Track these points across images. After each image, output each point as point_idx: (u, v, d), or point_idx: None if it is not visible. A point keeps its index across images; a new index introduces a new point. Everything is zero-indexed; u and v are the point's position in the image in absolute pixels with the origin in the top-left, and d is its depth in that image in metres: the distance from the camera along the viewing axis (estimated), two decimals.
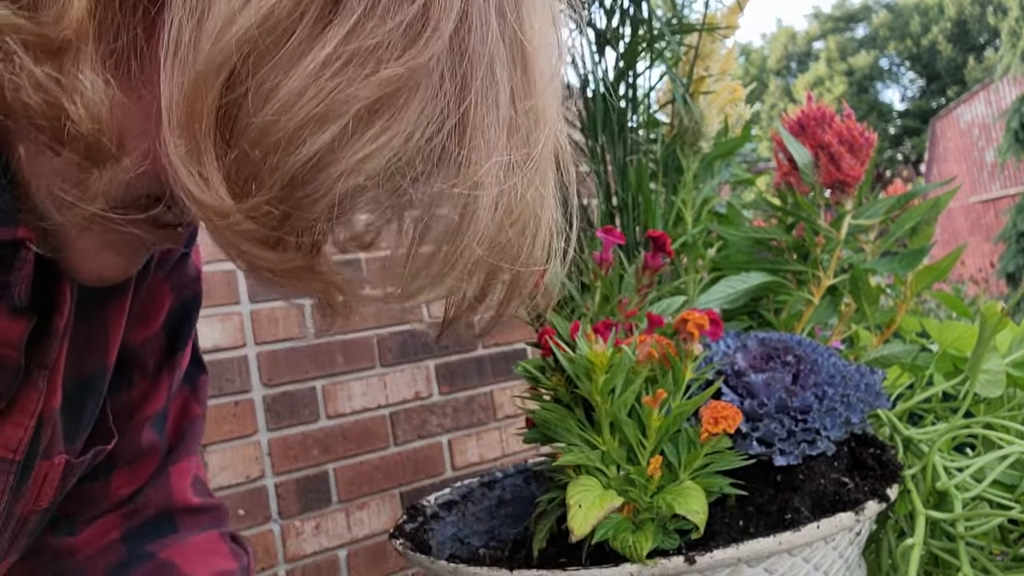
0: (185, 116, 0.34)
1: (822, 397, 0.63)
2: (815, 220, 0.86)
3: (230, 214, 0.35)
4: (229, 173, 0.35)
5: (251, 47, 0.33)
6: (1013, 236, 11.48)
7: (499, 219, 0.38)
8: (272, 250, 0.37)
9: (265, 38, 0.33)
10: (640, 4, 0.98)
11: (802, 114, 0.88)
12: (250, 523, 1.89)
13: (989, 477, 0.66)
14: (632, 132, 1.03)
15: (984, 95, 15.53)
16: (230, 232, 0.36)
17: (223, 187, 0.35)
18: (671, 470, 0.59)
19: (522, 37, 0.38)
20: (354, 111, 0.34)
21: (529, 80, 0.39)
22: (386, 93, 0.34)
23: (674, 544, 0.56)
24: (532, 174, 0.39)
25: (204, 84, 0.33)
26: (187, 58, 0.34)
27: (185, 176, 0.34)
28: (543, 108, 0.39)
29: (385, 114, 0.35)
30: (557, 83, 0.41)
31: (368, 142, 0.34)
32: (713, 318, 0.64)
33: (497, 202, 0.38)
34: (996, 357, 0.70)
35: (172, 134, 0.34)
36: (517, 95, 0.38)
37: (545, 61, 0.40)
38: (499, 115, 0.38)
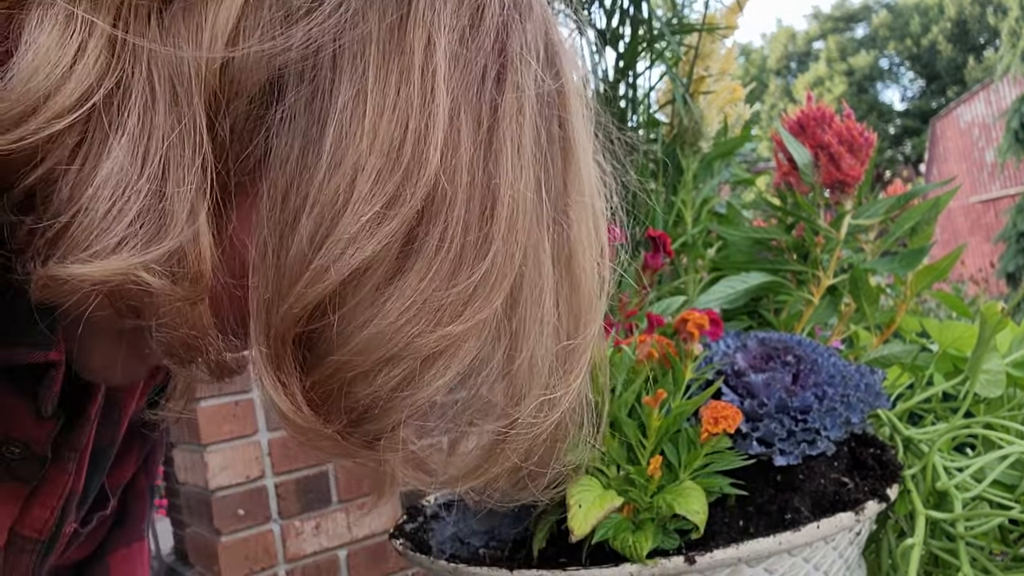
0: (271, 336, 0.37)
1: (822, 397, 0.63)
2: (815, 220, 0.86)
3: (307, 425, 0.39)
4: (306, 391, 0.39)
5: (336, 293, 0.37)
6: (1013, 236, 11.49)
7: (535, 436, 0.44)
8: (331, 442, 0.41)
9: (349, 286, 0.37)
10: (640, 4, 0.98)
11: (802, 114, 0.88)
12: (250, 523, 1.89)
13: (989, 477, 0.65)
14: (632, 132, 1.03)
15: (984, 95, 15.53)
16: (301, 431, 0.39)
17: (304, 404, 0.39)
18: (671, 470, 0.59)
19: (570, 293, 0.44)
20: (421, 357, 0.38)
21: (575, 320, 0.44)
22: (450, 344, 0.38)
23: (674, 544, 0.56)
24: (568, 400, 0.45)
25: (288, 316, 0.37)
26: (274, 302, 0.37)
27: (269, 383, 0.38)
28: (583, 347, 0.45)
29: (446, 359, 0.39)
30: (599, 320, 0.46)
31: (429, 381, 0.39)
32: (713, 318, 0.64)
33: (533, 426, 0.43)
34: (996, 357, 0.70)
35: (258, 341, 0.38)
36: (562, 334, 0.44)
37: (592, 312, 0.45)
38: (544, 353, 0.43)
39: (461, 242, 0.38)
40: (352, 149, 0.36)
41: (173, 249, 0.35)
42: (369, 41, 0.37)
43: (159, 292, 0.35)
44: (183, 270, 0.36)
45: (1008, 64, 12.89)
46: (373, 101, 0.36)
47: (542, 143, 0.41)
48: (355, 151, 0.36)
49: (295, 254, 0.36)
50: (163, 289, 0.35)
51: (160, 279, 0.35)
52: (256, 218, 0.37)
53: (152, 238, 0.35)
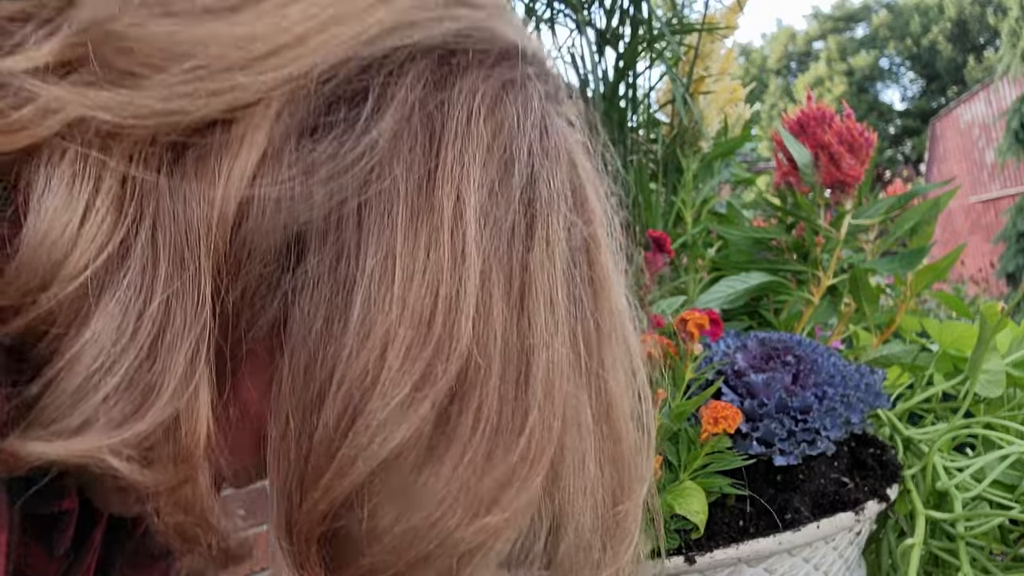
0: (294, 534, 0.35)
1: (822, 397, 0.63)
2: (815, 220, 0.86)
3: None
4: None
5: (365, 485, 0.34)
6: (1013, 236, 11.48)
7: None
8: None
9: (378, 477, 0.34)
10: (640, 4, 0.98)
11: (802, 114, 0.87)
12: (251, 523, 1.89)
13: (989, 477, 0.65)
14: (632, 132, 1.02)
15: (984, 95, 15.52)
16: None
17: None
18: (671, 470, 0.59)
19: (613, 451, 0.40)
20: (459, 554, 0.35)
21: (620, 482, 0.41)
22: (489, 536, 0.35)
23: (674, 544, 0.56)
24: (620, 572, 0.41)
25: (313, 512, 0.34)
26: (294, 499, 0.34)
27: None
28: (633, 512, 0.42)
29: (484, 551, 0.36)
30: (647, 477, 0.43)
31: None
32: (713, 318, 0.64)
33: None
34: (996, 357, 0.70)
35: (279, 535, 0.35)
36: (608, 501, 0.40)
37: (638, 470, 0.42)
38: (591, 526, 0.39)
39: (496, 419, 0.35)
40: (381, 320, 0.33)
41: (154, 427, 0.31)
42: (396, 197, 0.34)
43: (128, 478, 0.31)
44: (167, 450, 0.32)
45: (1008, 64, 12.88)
46: (403, 265, 0.33)
47: (574, 292, 0.38)
48: (384, 322, 0.33)
49: (320, 440, 0.33)
50: (132, 474, 0.31)
51: (129, 463, 0.31)
52: (273, 391, 0.34)
53: (129, 416, 0.31)
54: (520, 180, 0.36)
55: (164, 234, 0.32)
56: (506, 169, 0.36)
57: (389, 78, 0.35)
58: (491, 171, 0.36)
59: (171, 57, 0.33)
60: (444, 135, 0.35)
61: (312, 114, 0.34)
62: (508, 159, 0.36)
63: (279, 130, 0.34)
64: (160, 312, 0.32)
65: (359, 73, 0.35)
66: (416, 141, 0.35)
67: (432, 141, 0.35)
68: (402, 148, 0.34)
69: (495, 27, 0.39)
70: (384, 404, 0.33)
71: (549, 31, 1.04)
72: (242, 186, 0.33)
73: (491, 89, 0.37)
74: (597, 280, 0.40)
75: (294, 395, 0.34)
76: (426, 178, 0.34)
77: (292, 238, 0.34)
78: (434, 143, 0.35)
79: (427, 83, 0.36)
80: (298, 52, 0.34)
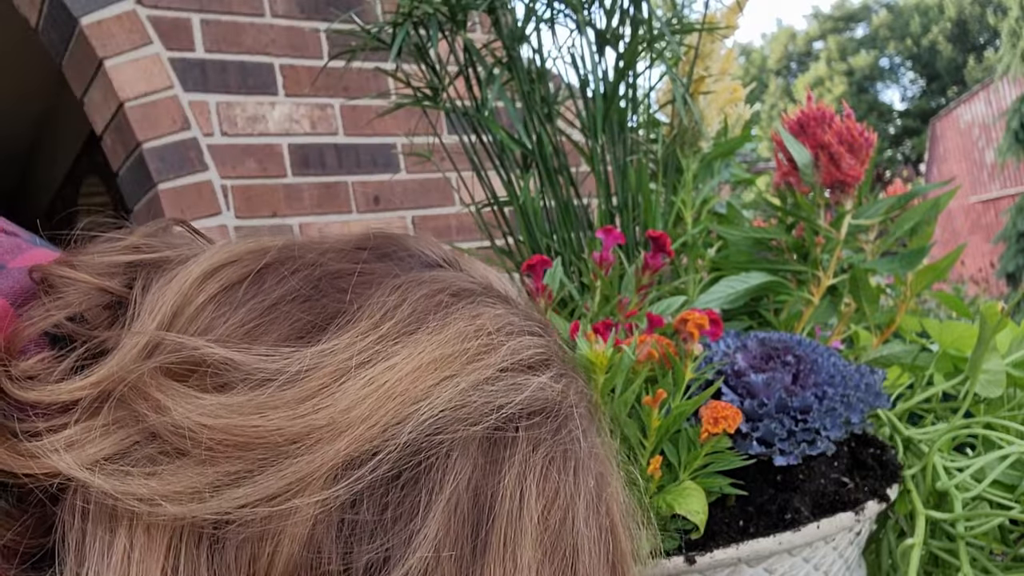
0: None
1: (822, 397, 0.63)
2: (815, 220, 0.86)
3: None
4: None
5: None
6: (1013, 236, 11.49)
7: None
8: None
9: None
10: (640, 4, 0.98)
11: (802, 114, 0.88)
12: None
13: (989, 477, 0.65)
14: (632, 132, 1.02)
15: (984, 95, 15.52)
16: None
17: None
18: (671, 470, 0.59)
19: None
20: None
21: None
22: None
23: (674, 544, 0.56)
24: None
25: None
26: None
27: None
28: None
29: None
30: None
31: None
32: (713, 318, 0.64)
33: None
34: (996, 357, 0.70)
35: None
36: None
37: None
38: None
39: None
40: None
41: None
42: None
43: None
44: None
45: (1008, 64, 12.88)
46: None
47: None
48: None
49: None
50: None
51: None
52: None
53: None
54: (566, 558, 0.36)
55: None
56: (554, 549, 0.36)
57: (442, 465, 0.34)
58: (539, 554, 0.35)
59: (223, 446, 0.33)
60: (494, 521, 0.34)
61: (360, 508, 0.34)
62: (556, 538, 0.36)
63: (323, 524, 0.33)
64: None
65: (414, 463, 0.34)
66: (465, 532, 0.34)
67: (480, 528, 0.34)
68: (450, 543, 0.34)
69: (550, 392, 0.38)
70: None
71: (549, 31, 1.04)
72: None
73: (541, 462, 0.36)
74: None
75: None
76: (474, 572, 0.34)
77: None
78: (482, 531, 0.34)
79: (477, 467, 0.35)
80: (354, 438, 0.33)
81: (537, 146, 1.00)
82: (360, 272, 0.40)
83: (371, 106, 2.41)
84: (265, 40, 2.33)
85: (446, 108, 1.02)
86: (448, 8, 0.96)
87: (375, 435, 0.34)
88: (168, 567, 0.32)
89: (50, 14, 2.18)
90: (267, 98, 2.31)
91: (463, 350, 0.37)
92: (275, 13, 2.35)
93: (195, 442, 0.33)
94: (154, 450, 0.33)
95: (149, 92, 2.14)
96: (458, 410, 0.35)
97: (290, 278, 0.39)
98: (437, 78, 1.02)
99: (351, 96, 2.40)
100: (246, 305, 0.37)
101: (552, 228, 1.00)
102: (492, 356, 0.37)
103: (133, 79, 2.13)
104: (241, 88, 2.27)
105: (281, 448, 0.33)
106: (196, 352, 0.35)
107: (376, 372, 0.35)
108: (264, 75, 2.31)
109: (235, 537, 0.33)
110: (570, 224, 1.00)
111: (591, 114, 1.00)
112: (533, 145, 1.00)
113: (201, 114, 2.20)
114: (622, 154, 1.00)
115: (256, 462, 0.33)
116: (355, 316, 0.37)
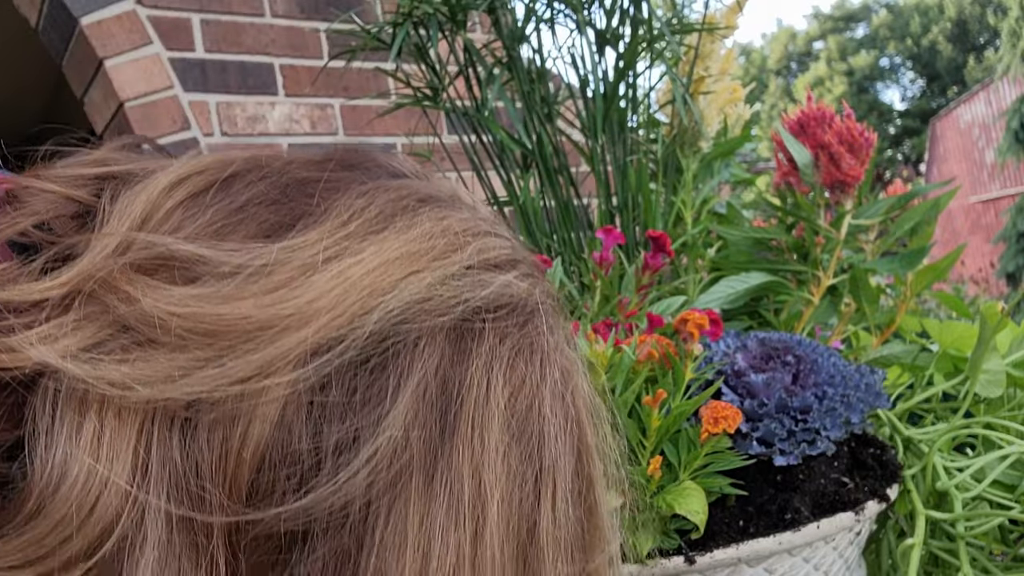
0: None
1: (822, 397, 0.63)
2: (815, 220, 0.86)
3: None
4: None
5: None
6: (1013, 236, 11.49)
7: None
8: None
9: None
10: (640, 4, 0.98)
11: (802, 114, 0.88)
12: None
13: (989, 477, 0.66)
14: (632, 132, 1.02)
15: (984, 95, 15.52)
16: None
17: None
18: (671, 470, 0.59)
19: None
20: None
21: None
22: None
23: (674, 544, 0.56)
24: None
25: None
26: None
27: None
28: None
29: None
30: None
31: None
32: (713, 318, 0.64)
33: None
34: (996, 357, 0.70)
35: None
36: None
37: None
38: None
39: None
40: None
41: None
42: (409, 480, 0.34)
43: None
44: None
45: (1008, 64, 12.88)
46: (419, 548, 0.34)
47: (575, 554, 0.39)
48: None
49: None
50: None
51: None
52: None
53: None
54: (532, 447, 0.37)
55: (178, 511, 0.33)
56: (521, 437, 0.37)
57: (410, 353, 0.35)
58: (506, 441, 0.36)
59: (192, 334, 0.33)
60: (461, 408, 0.35)
61: (329, 391, 0.34)
62: (523, 427, 0.37)
63: (292, 406, 0.34)
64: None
65: (381, 350, 0.35)
66: (433, 417, 0.35)
67: (448, 415, 0.35)
68: (418, 427, 0.35)
69: (516, 289, 0.39)
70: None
71: (549, 31, 1.04)
72: (254, 461, 0.33)
73: (508, 354, 0.37)
74: (593, 530, 0.40)
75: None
76: (442, 455, 0.35)
77: (302, 518, 0.34)
78: (450, 417, 0.35)
79: (445, 356, 0.36)
80: (321, 326, 0.34)
81: (537, 146, 1.00)
82: (327, 180, 0.41)
83: (371, 106, 2.41)
84: (265, 40, 2.33)
85: (446, 108, 1.02)
86: (448, 8, 0.96)
87: (342, 324, 0.34)
88: (140, 449, 0.33)
89: (50, 14, 2.18)
90: (267, 98, 2.31)
91: (430, 247, 0.38)
92: (275, 13, 2.35)
93: (165, 330, 0.33)
94: (126, 340, 0.34)
95: (149, 92, 2.14)
96: (425, 302, 0.36)
97: (258, 183, 0.40)
98: (437, 78, 1.02)
99: (351, 96, 2.40)
100: (214, 207, 0.38)
101: (552, 228, 1.00)
102: (458, 254, 0.38)
103: (133, 79, 2.13)
104: (241, 88, 2.27)
105: (250, 335, 0.34)
106: (165, 249, 0.35)
107: (343, 266, 0.36)
108: (264, 75, 2.31)
109: (207, 418, 0.33)
110: (570, 224, 1.00)
111: (591, 114, 1.00)
112: (533, 145, 1.00)
113: (201, 114, 2.20)
114: (622, 154, 1.00)
115: (226, 348, 0.33)
116: (322, 217, 0.38)
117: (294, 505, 0.33)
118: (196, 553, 0.33)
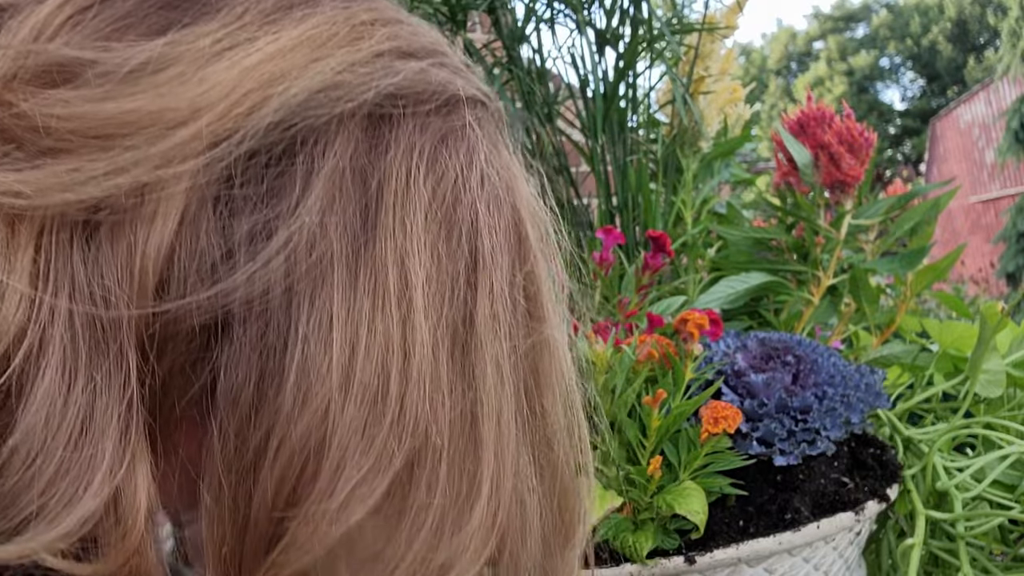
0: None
1: (822, 397, 0.63)
2: (815, 220, 0.86)
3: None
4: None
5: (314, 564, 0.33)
6: (1013, 236, 11.49)
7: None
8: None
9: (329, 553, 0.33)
10: (640, 4, 0.98)
11: (802, 114, 0.88)
12: None
13: (989, 477, 0.66)
14: (632, 132, 1.03)
15: (984, 95, 15.51)
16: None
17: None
18: (671, 470, 0.59)
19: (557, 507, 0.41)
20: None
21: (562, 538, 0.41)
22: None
23: (674, 544, 0.56)
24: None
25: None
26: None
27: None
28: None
29: None
30: (586, 525, 0.43)
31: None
32: (713, 318, 0.64)
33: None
34: (996, 357, 0.70)
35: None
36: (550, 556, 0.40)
37: (576, 523, 0.42)
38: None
39: (450, 488, 0.34)
40: (321, 388, 0.32)
41: (93, 508, 0.30)
42: (331, 269, 0.33)
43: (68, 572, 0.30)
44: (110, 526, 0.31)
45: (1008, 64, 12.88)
46: (345, 335, 0.33)
47: (517, 347, 0.38)
48: (325, 390, 0.32)
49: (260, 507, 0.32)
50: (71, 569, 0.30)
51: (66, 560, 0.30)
52: (204, 455, 0.33)
53: (66, 504, 0.30)
54: (463, 237, 0.36)
55: (83, 313, 0.31)
56: (449, 227, 0.36)
57: (319, 141, 0.34)
58: (433, 230, 0.35)
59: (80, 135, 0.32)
60: (382, 198, 0.34)
61: (233, 184, 0.33)
62: (450, 216, 0.36)
63: (195, 201, 0.33)
64: (86, 395, 0.31)
65: (287, 139, 0.34)
66: (352, 207, 0.34)
67: (369, 205, 0.34)
68: (336, 216, 0.34)
69: (434, 76, 0.38)
70: (339, 484, 0.32)
71: (549, 31, 1.04)
72: (160, 259, 0.32)
73: (429, 143, 0.36)
74: (538, 327, 0.39)
75: (225, 458, 0.33)
76: (365, 245, 0.34)
77: (218, 309, 0.33)
78: (371, 207, 0.34)
79: (359, 144, 0.35)
80: (216, 116, 0.33)
81: (537, 146, 1.00)
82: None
83: None
84: None
85: None
86: (448, 8, 0.96)
87: (240, 113, 0.33)
88: (40, 261, 0.31)
89: None
90: None
91: (332, 33, 0.36)
92: None
93: (49, 134, 0.32)
94: (11, 149, 0.32)
95: None
96: (330, 90, 0.35)
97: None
98: None
99: None
100: (101, 15, 0.36)
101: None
102: (365, 41, 0.36)
103: None
104: None
105: (140, 131, 0.32)
106: (47, 56, 0.33)
107: (237, 57, 0.34)
108: None
109: (107, 224, 0.32)
110: (570, 224, 1.00)
111: (591, 114, 1.00)
112: (533, 145, 1.00)
113: None
114: (622, 154, 1.00)
115: (115, 148, 0.32)
116: (215, 12, 0.36)
117: (204, 293, 0.32)
118: (104, 356, 0.31)
